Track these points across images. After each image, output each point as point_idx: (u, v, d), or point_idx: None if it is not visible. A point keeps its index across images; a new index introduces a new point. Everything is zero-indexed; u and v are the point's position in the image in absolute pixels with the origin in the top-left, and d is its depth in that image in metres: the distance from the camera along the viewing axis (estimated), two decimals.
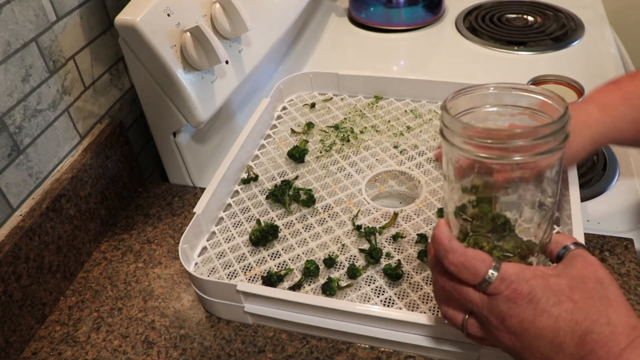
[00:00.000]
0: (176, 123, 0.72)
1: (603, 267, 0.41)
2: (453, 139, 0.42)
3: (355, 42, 1.17)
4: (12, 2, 0.57)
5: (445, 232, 0.44)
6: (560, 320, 0.38)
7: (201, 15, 0.70)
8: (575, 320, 0.38)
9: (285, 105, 0.88)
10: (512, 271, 0.41)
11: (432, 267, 0.46)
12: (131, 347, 0.59)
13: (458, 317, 0.45)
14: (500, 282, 0.40)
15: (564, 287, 0.39)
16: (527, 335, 0.40)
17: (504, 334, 0.41)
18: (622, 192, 0.75)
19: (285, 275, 0.61)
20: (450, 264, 0.42)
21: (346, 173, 0.74)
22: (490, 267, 0.41)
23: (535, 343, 0.40)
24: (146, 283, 0.66)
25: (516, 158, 0.40)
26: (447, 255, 0.43)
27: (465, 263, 0.42)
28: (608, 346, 0.36)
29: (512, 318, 0.40)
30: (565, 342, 0.38)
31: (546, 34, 1.10)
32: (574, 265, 0.41)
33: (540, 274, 0.40)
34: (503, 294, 0.40)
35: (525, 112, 0.45)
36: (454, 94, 0.45)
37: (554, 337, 0.39)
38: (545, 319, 0.39)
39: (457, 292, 0.43)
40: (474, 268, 0.41)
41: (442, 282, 0.44)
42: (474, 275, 0.41)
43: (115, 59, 0.76)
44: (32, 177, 0.63)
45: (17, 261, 0.58)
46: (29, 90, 0.61)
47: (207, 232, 0.67)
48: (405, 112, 0.84)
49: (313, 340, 0.57)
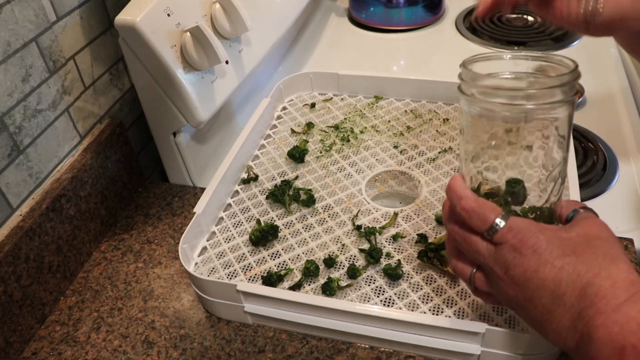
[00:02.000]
0: (176, 123, 0.72)
1: (608, 228, 0.42)
2: (470, 91, 0.44)
3: (355, 42, 1.17)
4: (12, 2, 0.57)
5: (460, 182, 0.46)
6: (563, 271, 0.39)
7: (201, 15, 0.70)
8: (577, 273, 0.39)
9: (285, 105, 0.88)
10: (519, 222, 0.42)
11: (445, 219, 0.47)
12: (131, 347, 0.59)
13: (467, 270, 0.46)
14: (507, 230, 0.42)
15: (569, 242, 0.41)
16: (529, 285, 0.41)
17: (508, 285, 0.42)
18: (622, 192, 0.75)
19: (285, 275, 0.61)
20: (462, 210, 0.44)
21: (346, 173, 0.74)
22: (499, 216, 0.42)
23: (537, 294, 0.40)
24: (146, 283, 0.66)
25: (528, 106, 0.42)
26: (460, 201, 0.44)
27: (476, 209, 0.43)
28: (607, 299, 0.37)
29: (516, 267, 0.41)
30: (566, 294, 0.39)
31: (546, 34, 1.10)
32: (582, 225, 0.42)
33: (545, 228, 0.42)
34: (509, 242, 0.41)
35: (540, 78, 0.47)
36: (472, 58, 0.47)
37: (556, 288, 0.39)
38: (549, 269, 0.40)
39: (466, 242, 0.45)
40: (484, 214, 0.43)
41: (454, 232, 0.46)
42: (483, 221, 0.43)
43: (115, 59, 0.76)
44: (32, 177, 0.63)
45: (17, 261, 0.58)
46: (29, 90, 0.61)
47: (207, 232, 0.67)
48: (405, 112, 0.84)
49: (313, 340, 0.57)
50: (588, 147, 0.81)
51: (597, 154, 0.80)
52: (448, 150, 0.76)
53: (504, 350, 0.52)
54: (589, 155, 0.80)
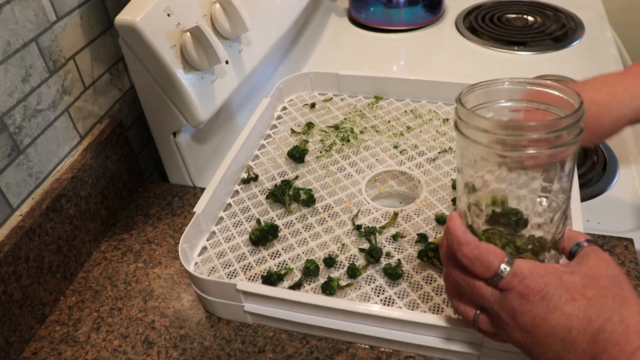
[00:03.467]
0: (176, 123, 0.72)
1: (616, 264, 0.41)
2: (467, 132, 0.42)
3: (355, 42, 1.17)
4: (12, 2, 0.57)
5: (459, 225, 0.44)
6: (573, 318, 0.38)
7: (201, 15, 0.70)
8: (588, 319, 0.38)
9: (285, 105, 0.88)
10: (525, 267, 0.40)
11: (444, 260, 0.46)
12: (131, 347, 0.59)
13: (470, 312, 0.45)
14: (512, 277, 0.40)
15: (577, 285, 0.39)
16: (538, 332, 0.40)
17: (515, 331, 0.41)
18: (622, 192, 0.75)
19: (285, 275, 0.61)
20: (464, 257, 0.42)
21: (346, 173, 0.74)
22: (503, 262, 0.41)
23: (547, 340, 0.39)
24: (146, 283, 0.66)
25: (530, 151, 0.40)
26: (461, 247, 0.42)
27: (479, 256, 0.41)
28: (621, 345, 0.36)
29: (524, 315, 0.40)
30: (578, 341, 0.38)
31: (546, 34, 1.10)
32: (587, 262, 0.41)
33: (553, 271, 0.40)
34: (515, 289, 0.40)
35: (539, 107, 0.45)
36: (469, 88, 0.45)
37: (566, 335, 0.38)
38: (558, 316, 0.39)
39: (469, 287, 0.43)
40: (487, 261, 0.41)
41: (455, 275, 0.44)
42: (487, 269, 0.41)
43: (115, 59, 0.76)
44: (32, 177, 0.63)
45: (17, 261, 0.58)
46: (29, 90, 0.61)
47: (207, 231, 0.67)
48: (405, 112, 0.84)
49: (313, 340, 0.57)
50: (588, 147, 0.81)
51: (597, 154, 0.80)
52: (448, 150, 0.76)
53: (504, 350, 0.51)
54: (589, 155, 0.80)
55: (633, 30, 1.50)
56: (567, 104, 0.43)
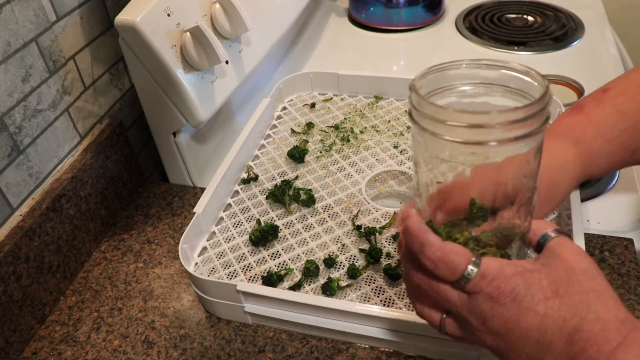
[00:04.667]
0: (176, 123, 0.72)
1: (587, 256, 0.39)
2: (423, 122, 0.38)
3: (355, 42, 1.17)
4: (12, 2, 0.57)
5: (419, 224, 0.39)
6: (547, 318, 0.36)
7: (201, 15, 0.70)
8: (563, 318, 0.36)
9: (285, 105, 0.88)
10: (493, 266, 0.38)
11: (404, 261, 0.43)
12: (131, 347, 0.59)
13: (435, 317, 0.42)
14: (480, 279, 0.37)
15: (549, 282, 0.37)
16: (511, 335, 0.37)
17: (486, 335, 0.39)
18: (622, 192, 0.75)
19: (285, 275, 0.61)
20: (427, 259, 0.39)
21: (346, 173, 0.74)
22: (470, 263, 0.37)
23: (521, 344, 0.37)
24: (146, 283, 0.66)
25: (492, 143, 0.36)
26: (423, 249, 0.39)
27: (443, 258, 0.38)
28: (599, 344, 0.35)
29: (495, 318, 0.38)
30: (553, 342, 0.36)
31: (546, 34, 1.10)
32: (557, 256, 0.39)
33: (521, 269, 0.38)
34: (484, 291, 0.37)
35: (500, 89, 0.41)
36: (424, 72, 0.41)
37: (541, 337, 0.36)
38: (531, 318, 0.36)
39: (433, 291, 0.40)
40: (452, 263, 0.38)
41: (417, 279, 0.41)
42: (452, 272, 0.38)
43: (115, 59, 0.76)
44: (32, 177, 0.63)
45: (17, 261, 0.58)
46: (29, 90, 0.61)
47: (207, 232, 0.67)
48: (405, 112, 0.84)
49: (313, 340, 0.57)
50: None
51: None
52: None
53: None
54: None
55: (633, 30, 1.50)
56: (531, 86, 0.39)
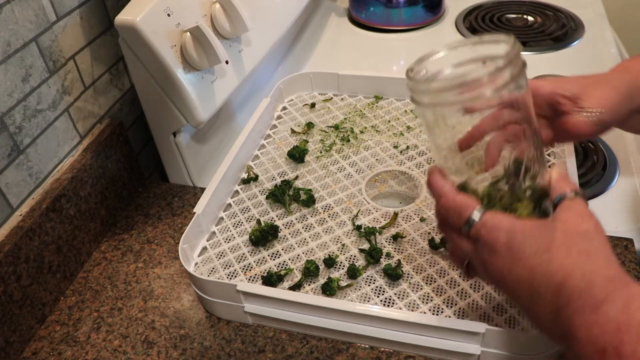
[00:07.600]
0: (176, 123, 0.72)
1: (591, 219, 0.41)
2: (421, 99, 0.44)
3: (355, 42, 1.17)
4: (12, 2, 0.57)
5: (437, 179, 0.46)
6: (536, 271, 0.39)
7: (201, 15, 0.70)
8: (550, 273, 0.39)
9: (285, 105, 0.88)
10: (494, 218, 0.42)
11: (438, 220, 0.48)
12: (131, 347, 0.59)
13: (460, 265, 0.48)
14: (481, 226, 0.42)
15: (544, 239, 0.40)
16: (506, 282, 0.41)
17: (490, 280, 0.44)
18: (622, 192, 0.75)
19: (285, 275, 0.61)
20: (442, 208, 0.45)
21: (346, 173, 0.74)
22: (475, 210, 0.43)
23: (516, 291, 0.41)
24: (146, 283, 0.66)
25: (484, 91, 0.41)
26: (440, 199, 0.45)
27: (454, 206, 0.44)
28: (583, 298, 0.37)
29: (492, 266, 0.42)
30: (541, 292, 0.39)
31: (546, 34, 1.10)
32: (562, 217, 0.41)
33: (521, 224, 0.41)
34: (483, 239, 0.42)
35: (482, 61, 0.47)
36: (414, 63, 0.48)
37: (531, 286, 0.40)
38: (521, 269, 0.40)
39: (452, 240, 0.46)
40: (460, 210, 0.43)
41: (444, 231, 0.47)
42: (459, 217, 0.43)
43: (115, 59, 0.76)
44: (32, 177, 0.63)
45: (17, 261, 0.58)
46: (29, 90, 0.61)
47: (207, 232, 0.67)
48: (405, 112, 0.84)
49: (313, 340, 0.57)
50: (588, 147, 0.81)
51: (597, 154, 0.80)
52: None
53: (504, 350, 0.51)
54: (589, 155, 0.80)
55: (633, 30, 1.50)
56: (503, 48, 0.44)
